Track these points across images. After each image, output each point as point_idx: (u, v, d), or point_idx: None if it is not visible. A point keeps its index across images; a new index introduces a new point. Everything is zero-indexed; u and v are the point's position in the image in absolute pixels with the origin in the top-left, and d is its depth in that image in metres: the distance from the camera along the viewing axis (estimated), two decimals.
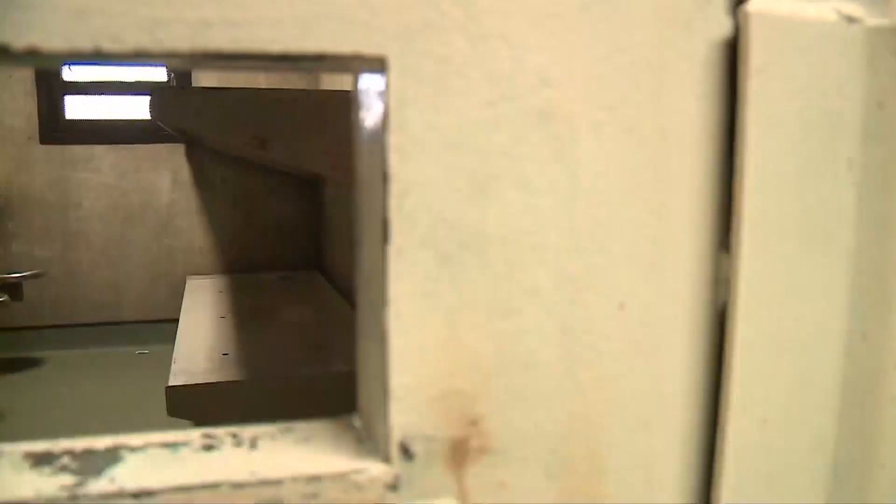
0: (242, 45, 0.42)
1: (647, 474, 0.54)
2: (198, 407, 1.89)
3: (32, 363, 3.17)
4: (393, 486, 0.47)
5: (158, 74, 3.36)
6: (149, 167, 3.29)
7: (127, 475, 0.47)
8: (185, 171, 3.32)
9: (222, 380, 1.92)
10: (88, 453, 0.50)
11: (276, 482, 0.46)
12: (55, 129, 3.22)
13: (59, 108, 3.23)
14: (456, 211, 0.46)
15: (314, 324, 2.48)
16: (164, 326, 3.22)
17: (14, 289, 2.90)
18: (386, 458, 0.48)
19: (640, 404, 0.53)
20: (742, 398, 0.54)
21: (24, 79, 3.16)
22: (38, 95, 3.17)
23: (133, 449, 0.51)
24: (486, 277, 0.48)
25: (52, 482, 0.46)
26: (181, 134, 2.77)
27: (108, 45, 0.41)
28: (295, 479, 0.46)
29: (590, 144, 0.49)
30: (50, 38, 0.41)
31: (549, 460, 0.51)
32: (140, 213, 3.31)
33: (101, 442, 0.52)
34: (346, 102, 1.51)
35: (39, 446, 0.52)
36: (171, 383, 1.84)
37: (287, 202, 3.41)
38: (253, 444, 0.51)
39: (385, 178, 0.44)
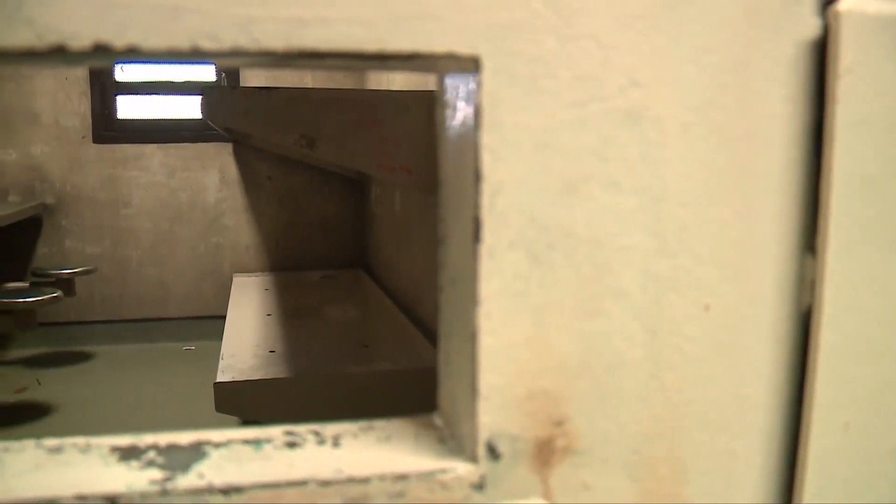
0: (337, 44, 0.42)
1: (727, 476, 0.54)
2: (245, 403, 1.91)
3: (82, 357, 3.22)
4: (479, 486, 0.48)
5: (207, 74, 3.40)
6: (197, 166, 3.33)
7: (214, 471, 0.47)
8: (232, 170, 3.36)
9: (269, 377, 1.94)
10: (173, 448, 0.51)
11: (363, 480, 0.46)
12: (107, 129, 3.27)
13: (112, 108, 3.28)
14: (545, 211, 0.46)
15: (359, 322, 2.50)
16: (210, 323, 3.25)
17: (67, 284, 2.94)
18: (472, 458, 0.48)
19: (722, 407, 0.53)
20: (825, 402, 0.54)
21: (78, 80, 3.22)
22: (91, 96, 3.23)
23: (216, 445, 0.51)
24: (573, 278, 0.48)
25: (141, 476, 0.47)
26: (229, 133, 2.79)
27: (205, 44, 0.42)
28: (382, 478, 0.46)
29: (677, 145, 0.49)
30: (149, 37, 0.41)
31: (631, 461, 0.51)
32: (188, 211, 3.35)
33: (185, 437, 0.53)
34: (395, 102, 1.52)
35: (124, 440, 0.53)
36: (219, 379, 1.86)
37: (332, 201, 3.43)
38: (336, 442, 0.51)
39: (477, 177, 0.44)
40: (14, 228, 3.02)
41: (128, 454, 0.50)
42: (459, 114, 0.48)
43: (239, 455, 0.50)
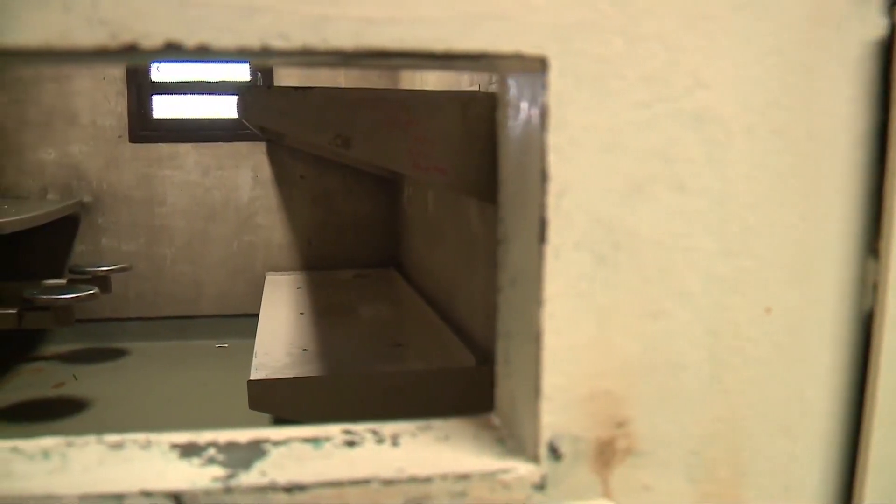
0: (405, 43, 0.42)
1: (786, 479, 0.54)
2: (278, 401, 1.92)
3: (117, 353, 3.26)
4: (540, 486, 0.48)
5: (241, 74, 3.42)
6: (231, 165, 3.36)
7: (276, 469, 0.48)
8: (265, 169, 3.38)
9: (303, 375, 1.95)
10: (232, 446, 0.52)
11: (425, 480, 0.46)
12: (143, 128, 3.30)
13: (148, 107, 3.31)
14: (610, 212, 0.46)
15: (392, 321, 2.50)
16: (243, 321, 3.28)
17: (103, 282, 2.98)
18: (533, 458, 0.48)
19: (782, 409, 0.53)
20: (887, 405, 0.53)
21: (116, 80, 3.25)
22: (128, 96, 3.27)
23: (276, 443, 0.52)
24: (637, 279, 0.47)
25: (203, 473, 0.47)
26: (263, 132, 2.81)
27: (275, 43, 0.42)
28: (443, 478, 0.46)
29: (741, 147, 0.49)
30: (220, 36, 0.42)
31: (691, 463, 0.51)
32: (221, 209, 3.37)
33: (243, 435, 0.53)
34: (429, 102, 1.51)
35: (183, 437, 0.54)
36: (252, 377, 1.87)
37: (365, 200, 3.45)
38: (395, 441, 0.51)
39: (544, 177, 0.44)
40: (53, 226, 3.06)
41: (188, 451, 0.51)
42: (523, 114, 0.48)
43: (299, 453, 0.50)
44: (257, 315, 2.53)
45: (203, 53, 0.42)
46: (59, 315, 2.57)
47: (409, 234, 3.08)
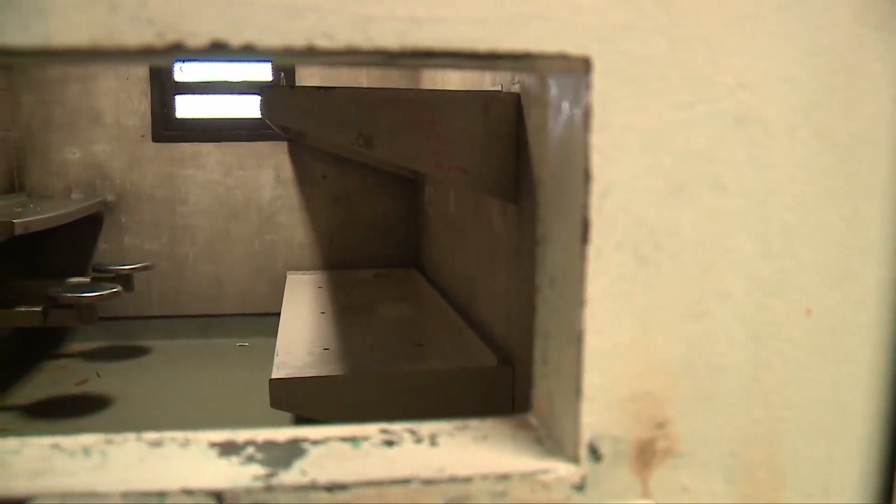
0: (450, 43, 0.42)
1: (825, 481, 0.53)
2: (300, 399, 1.92)
3: (140, 351, 3.28)
4: (580, 487, 0.48)
5: (263, 74, 3.43)
6: (252, 164, 3.37)
7: (315, 468, 0.48)
8: (287, 169, 3.39)
9: (324, 374, 1.96)
10: (271, 445, 0.52)
11: (466, 480, 0.46)
12: (166, 128, 3.32)
13: (171, 107, 3.34)
14: (652, 212, 0.46)
15: (413, 321, 2.50)
16: (264, 320, 3.29)
17: (126, 280, 3.00)
18: (573, 458, 0.48)
19: (821, 411, 0.52)
20: None
21: (140, 80, 3.28)
22: (151, 95, 3.29)
23: (314, 442, 0.52)
24: (678, 279, 0.47)
25: (243, 472, 0.48)
26: (285, 132, 2.83)
27: (320, 42, 0.42)
28: (484, 478, 0.46)
29: (783, 148, 0.48)
30: (265, 35, 0.42)
31: (729, 465, 0.51)
32: (243, 209, 3.39)
33: (281, 434, 0.54)
34: (452, 102, 1.52)
35: (221, 435, 0.54)
36: (274, 376, 1.87)
37: (386, 200, 3.46)
38: (433, 440, 0.51)
39: (587, 177, 0.44)
40: (77, 225, 3.08)
41: (227, 450, 0.51)
42: (564, 114, 0.48)
43: (338, 452, 0.50)
44: (278, 314, 2.54)
45: (248, 53, 0.42)
46: (82, 313, 2.59)
47: (430, 234, 3.08)
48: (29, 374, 3.00)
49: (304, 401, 1.93)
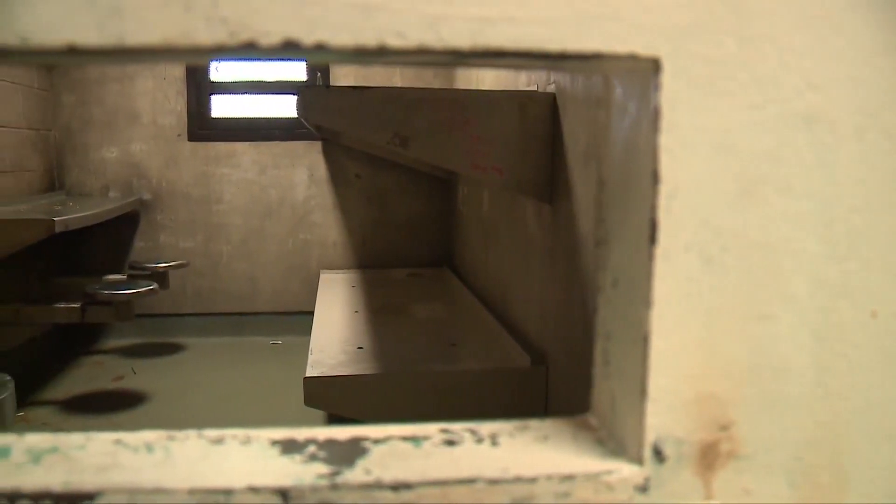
0: (521, 43, 0.42)
1: (889, 485, 0.53)
2: (333, 398, 1.93)
3: (174, 348, 3.33)
4: (643, 488, 0.48)
5: (297, 74, 3.45)
6: (287, 164, 3.40)
7: (379, 467, 0.48)
8: (321, 168, 3.42)
9: (358, 373, 1.97)
10: (332, 443, 0.52)
11: (531, 480, 0.46)
12: (202, 127, 3.36)
13: (206, 107, 3.37)
14: (720, 214, 0.46)
15: (446, 320, 2.51)
16: (297, 318, 3.32)
17: (161, 277, 3.03)
18: (636, 460, 0.48)
19: (886, 415, 0.52)
20: None
21: (176, 80, 3.32)
22: (187, 95, 3.33)
23: (376, 441, 0.52)
24: (744, 281, 0.47)
25: (307, 470, 0.48)
26: (319, 131, 2.84)
27: (392, 42, 0.42)
28: (548, 478, 0.46)
29: (850, 149, 0.48)
30: (337, 34, 0.42)
31: (792, 468, 0.51)
32: (277, 208, 3.42)
33: (341, 432, 0.54)
34: (487, 101, 1.52)
35: (281, 433, 0.54)
36: (308, 374, 1.88)
37: (419, 199, 3.47)
38: (494, 440, 0.52)
39: (655, 179, 0.44)
40: (114, 223, 3.12)
41: (289, 448, 0.51)
42: (630, 116, 0.47)
43: (399, 451, 0.50)
44: (311, 312, 2.55)
45: (319, 52, 0.42)
46: (119, 310, 2.62)
47: (463, 234, 3.09)
48: (67, 369, 3.04)
49: (338, 399, 1.94)
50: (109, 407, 2.65)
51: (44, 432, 0.54)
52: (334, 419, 2.16)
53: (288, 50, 0.42)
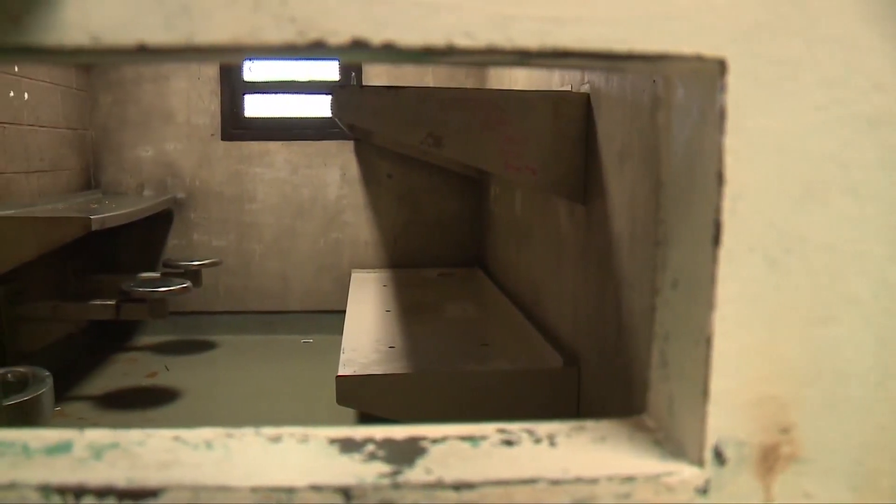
0: (588, 43, 0.43)
1: None
2: (365, 396, 1.94)
3: (206, 346, 3.35)
4: (703, 490, 0.47)
5: (329, 74, 3.47)
6: (319, 163, 3.42)
7: (440, 466, 0.48)
8: (353, 168, 3.43)
9: (391, 372, 1.97)
10: (390, 442, 0.52)
11: (592, 481, 0.46)
12: (235, 127, 3.39)
13: (240, 106, 3.40)
14: (784, 215, 0.46)
15: (478, 320, 2.51)
16: (328, 317, 3.33)
17: (195, 276, 3.06)
18: (697, 461, 0.48)
19: None
20: None
21: (210, 79, 3.35)
22: (221, 95, 3.35)
23: (433, 440, 0.52)
24: (807, 284, 0.47)
25: (368, 469, 0.48)
26: (352, 130, 2.85)
27: (460, 42, 0.42)
28: (610, 479, 0.46)
29: None
30: (406, 34, 0.42)
31: (853, 472, 0.50)
32: (309, 207, 3.44)
33: (398, 431, 0.54)
34: (521, 101, 1.51)
35: (338, 432, 0.54)
36: (340, 373, 1.89)
37: (451, 199, 3.47)
38: (552, 441, 0.52)
39: (720, 180, 0.44)
40: (148, 221, 3.16)
41: (347, 446, 0.52)
42: (693, 116, 0.47)
43: (458, 451, 0.51)
44: (342, 311, 2.56)
45: (387, 51, 0.42)
46: (154, 307, 2.65)
47: (495, 234, 3.09)
48: (102, 365, 3.08)
49: (371, 398, 1.95)
50: (143, 403, 2.68)
51: (103, 428, 0.55)
52: (365, 418, 2.17)
53: (356, 49, 0.42)
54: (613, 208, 1.57)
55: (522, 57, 0.43)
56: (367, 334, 2.32)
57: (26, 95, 2.72)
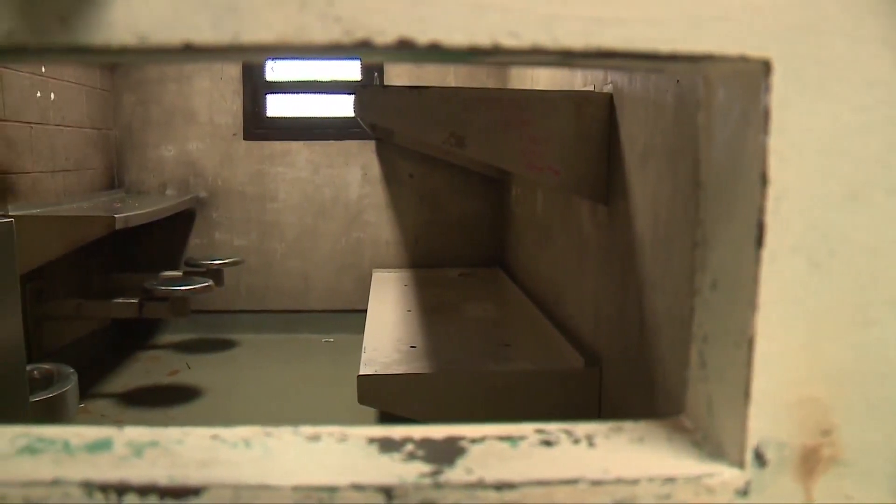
0: (633, 44, 0.42)
1: None
2: (387, 396, 1.94)
3: (228, 344, 3.37)
4: (743, 492, 0.47)
5: (351, 74, 3.48)
6: (340, 163, 3.43)
7: (480, 466, 0.48)
8: (374, 167, 3.44)
9: (412, 371, 1.97)
10: (428, 442, 0.52)
11: (632, 481, 0.46)
12: (257, 126, 3.41)
13: (262, 106, 3.42)
14: (827, 217, 0.45)
15: (499, 320, 2.51)
16: (349, 316, 3.34)
17: (216, 275, 3.08)
18: (737, 463, 0.47)
19: None
20: None
21: (232, 79, 3.37)
22: (243, 95, 3.37)
23: (473, 440, 0.52)
24: (850, 285, 0.47)
25: (408, 468, 0.48)
26: (374, 130, 2.86)
27: (506, 41, 0.42)
28: (650, 480, 0.46)
29: None
30: (451, 34, 0.43)
31: (894, 475, 0.50)
32: (331, 206, 3.45)
33: (437, 431, 0.54)
34: (543, 102, 1.51)
35: (377, 431, 0.54)
36: (362, 372, 1.89)
37: (472, 199, 3.47)
38: (590, 441, 0.52)
39: (764, 181, 0.44)
40: (170, 220, 3.18)
41: (387, 446, 0.52)
42: (734, 117, 0.47)
43: (497, 451, 0.51)
44: (363, 311, 2.57)
45: (433, 51, 0.43)
46: (176, 306, 2.67)
47: (516, 234, 3.08)
48: (124, 363, 3.10)
49: (392, 397, 1.95)
50: (165, 401, 2.69)
51: (141, 426, 0.55)
52: (386, 417, 2.17)
53: (402, 49, 0.43)
54: (636, 208, 1.56)
55: (566, 57, 0.43)
56: (388, 334, 2.32)
57: (52, 96, 2.75)
